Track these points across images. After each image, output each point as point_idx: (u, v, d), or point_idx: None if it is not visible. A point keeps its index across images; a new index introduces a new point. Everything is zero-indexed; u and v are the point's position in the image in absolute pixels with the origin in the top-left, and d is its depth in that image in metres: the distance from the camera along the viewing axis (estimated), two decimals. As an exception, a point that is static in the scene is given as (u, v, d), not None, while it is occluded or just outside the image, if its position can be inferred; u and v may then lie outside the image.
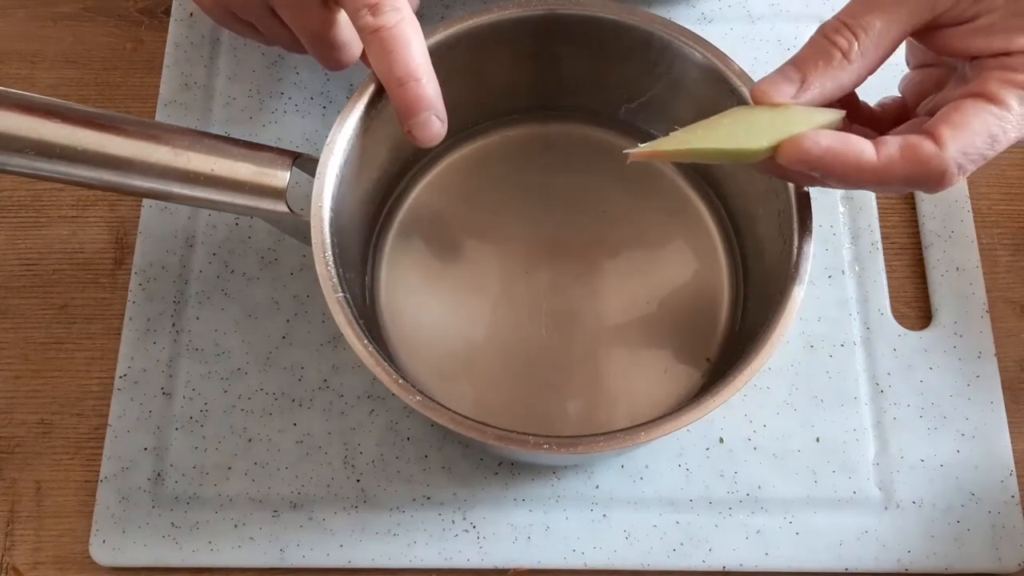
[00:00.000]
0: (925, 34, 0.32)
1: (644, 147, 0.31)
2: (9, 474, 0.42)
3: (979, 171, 0.46)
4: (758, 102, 0.32)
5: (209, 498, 0.41)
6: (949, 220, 0.45)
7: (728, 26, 0.49)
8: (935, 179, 0.30)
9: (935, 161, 0.30)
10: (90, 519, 0.41)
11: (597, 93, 0.43)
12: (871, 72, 0.32)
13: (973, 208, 0.46)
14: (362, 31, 0.35)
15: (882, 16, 0.31)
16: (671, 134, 0.31)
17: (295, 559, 0.40)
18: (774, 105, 0.31)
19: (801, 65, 0.32)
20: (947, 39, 0.32)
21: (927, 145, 0.30)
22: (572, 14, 0.39)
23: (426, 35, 0.36)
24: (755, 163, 0.32)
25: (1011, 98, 0.30)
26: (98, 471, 0.41)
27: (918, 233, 0.45)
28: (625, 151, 0.31)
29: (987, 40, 0.31)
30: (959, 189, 0.46)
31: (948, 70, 0.35)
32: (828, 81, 0.31)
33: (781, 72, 0.32)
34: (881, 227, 0.45)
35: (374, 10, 0.34)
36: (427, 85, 0.35)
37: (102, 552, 0.40)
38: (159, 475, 0.41)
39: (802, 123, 0.31)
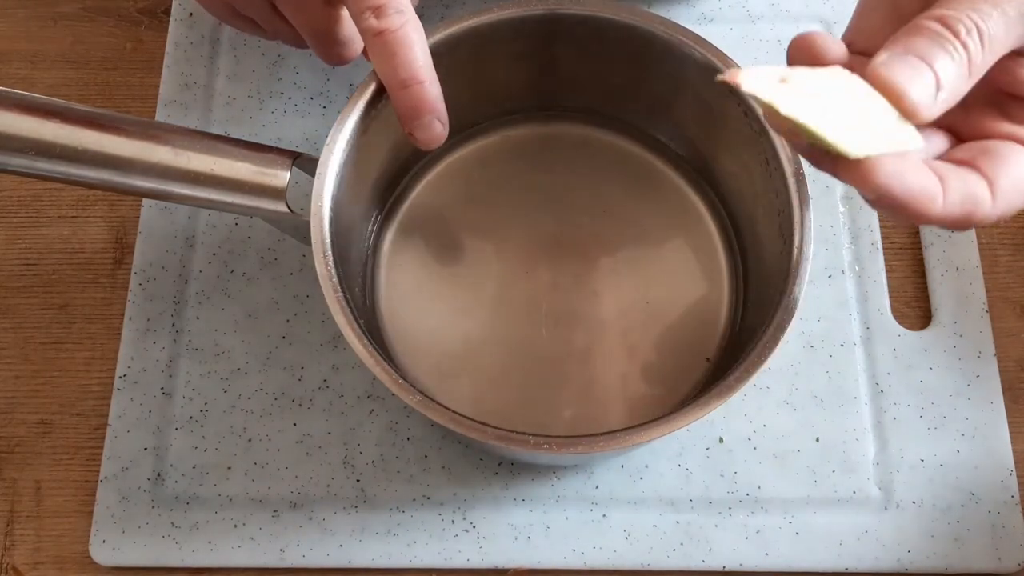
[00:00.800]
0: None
1: (749, 84, 0.25)
2: (9, 474, 0.42)
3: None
4: (888, 92, 0.26)
5: (209, 498, 0.41)
6: (949, 220, 0.45)
7: (728, 26, 0.49)
8: (974, 226, 0.28)
9: (986, 216, 0.27)
10: (90, 519, 0.41)
11: (597, 93, 0.44)
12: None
13: (973, 208, 0.46)
14: (365, 33, 0.35)
15: (1004, 23, 0.26)
16: (777, 79, 0.25)
17: (295, 559, 0.40)
18: (896, 103, 0.26)
19: (932, 62, 0.26)
20: (1020, 69, 0.28)
21: (985, 200, 0.27)
22: (572, 14, 0.39)
23: (426, 35, 0.36)
24: (810, 152, 0.28)
25: None
26: (98, 471, 0.41)
27: (918, 233, 0.46)
28: (720, 77, 0.25)
29: None
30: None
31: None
32: (955, 96, 0.26)
33: (911, 65, 0.26)
34: (881, 227, 0.45)
35: (378, 12, 0.34)
36: (430, 88, 0.35)
37: (102, 552, 0.40)
38: (159, 475, 0.41)
39: (899, 142, 0.26)
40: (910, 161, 0.26)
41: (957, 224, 0.28)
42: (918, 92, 0.26)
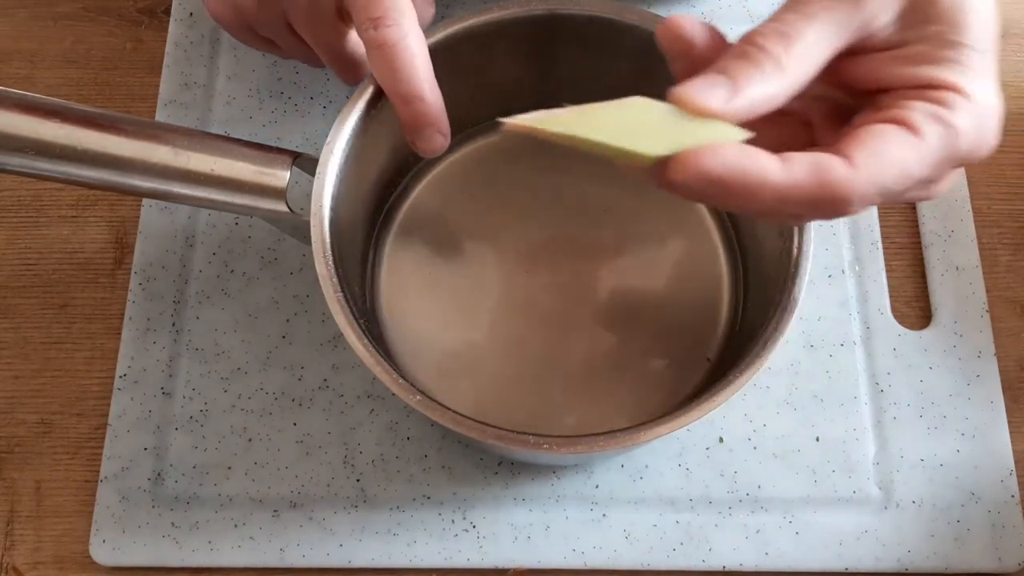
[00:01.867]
0: (847, 59, 0.29)
1: (524, 119, 0.28)
2: (9, 474, 0.42)
3: (979, 171, 0.47)
4: (681, 104, 0.27)
5: (209, 498, 0.41)
6: (949, 220, 0.45)
7: (728, 26, 0.49)
8: (839, 205, 0.27)
9: (845, 186, 0.26)
10: (90, 519, 0.41)
11: (597, 93, 0.43)
12: (798, 88, 0.28)
13: (973, 208, 0.46)
14: (366, 45, 0.35)
15: (814, 25, 0.28)
16: (562, 111, 0.28)
17: (295, 559, 0.40)
18: (693, 112, 0.27)
19: (729, 71, 0.28)
20: (871, 65, 0.29)
21: (838, 167, 0.27)
22: (572, 14, 0.39)
23: (426, 35, 0.36)
24: (640, 169, 0.28)
25: (931, 133, 0.27)
26: (98, 471, 0.41)
27: (918, 233, 0.46)
28: (499, 119, 0.28)
29: (914, 70, 0.28)
30: (959, 188, 0.46)
31: (842, 106, 0.31)
32: (758, 90, 0.28)
33: (706, 78, 0.28)
34: (881, 227, 0.45)
35: (377, 24, 0.34)
36: (430, 103, 0.35)
37: (102, 552, 0.40)
38: (159, 475, 0.41)
39: (707, 135, 0.27)
40: (731, 145, 0.27)
41: (819, 198, 0.27)
42: (701, 96, 0.27)
